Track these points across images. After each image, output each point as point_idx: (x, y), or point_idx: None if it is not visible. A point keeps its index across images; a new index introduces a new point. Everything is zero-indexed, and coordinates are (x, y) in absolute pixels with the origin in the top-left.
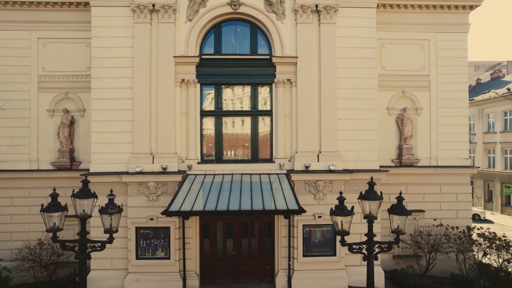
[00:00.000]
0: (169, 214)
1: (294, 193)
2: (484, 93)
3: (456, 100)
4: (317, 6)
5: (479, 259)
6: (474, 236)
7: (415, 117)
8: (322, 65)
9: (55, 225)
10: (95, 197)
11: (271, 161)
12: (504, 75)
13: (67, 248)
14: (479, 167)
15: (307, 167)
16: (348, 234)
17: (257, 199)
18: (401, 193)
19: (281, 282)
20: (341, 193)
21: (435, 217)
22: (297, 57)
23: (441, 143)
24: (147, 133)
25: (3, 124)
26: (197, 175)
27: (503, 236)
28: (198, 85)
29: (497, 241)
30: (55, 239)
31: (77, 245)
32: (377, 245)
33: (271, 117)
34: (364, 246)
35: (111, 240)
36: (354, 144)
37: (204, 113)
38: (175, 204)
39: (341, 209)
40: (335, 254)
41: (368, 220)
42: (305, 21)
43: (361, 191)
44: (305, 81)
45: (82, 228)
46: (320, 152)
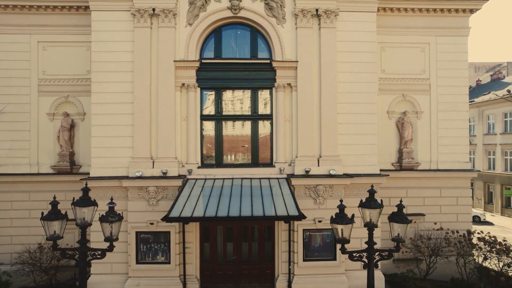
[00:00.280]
0: (169, 220)
1: (294, 198)
2: (484, 95)
3: (456, 103)
4: (317, 10)
5: (480, 263)
6: (474, 240)
7: (415, 120)
8: (322, 69)
9: (55, 233)
10: (95, 205)
11: (271, 165)
12: (504, 76)
13: (67, 256)
14: (479, 170)
15: (307, 171)
16: (348, 242)
17: (257, 204)
18: (401, 201)
19: (281, 286)
20: (341, 201)
21: (436, 221)
22: (297, 61)
23: (441, 147)
24: (147, 138)
25: (3, 127)
26: (197, 179)
27: (504, 240)
28: (198, 90)
29: (497, 246)
30: (55, 247)
31: (77, 253)
32: (378, 253)
33: (271, 122)
34: (364, 254)
35: (111, 248)
36: (354, 148)
37: (204, 118)
38: (175, 210)
39: (341, 217)
40: (335, 258)
41: (368, 228)
42: (306, 26)
43: (362, 196)
44: (306, 85)
45: (82, 236)
46: (320, 156)
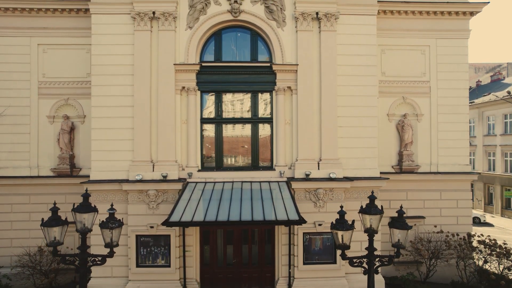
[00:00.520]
0: (169, 225)
1: (294, 202)
2: (484, 96)
3: (456, 106)
4: (317, 13)
5: (480, 266)
6: (474, 243)
7: (416, 123)
8: (322, 72)
9: (55, 239)
10: (95, 211)
11: (271, 168)
12: (504, 77)
13: (67, 262)
14: (479, 173)
15: (307, 175)
16: (348, 248)
17: (258, 208)
18: (401, 207)
19: None
20: (342, 207)
21: (436, 223)
22: (298, 64)
23: (441, 149)
24: (148, 141)
25: (3, 130)
26: (197, 183)
27: (504, 243)
28: (198, 93)
29: (498, 249)
30: (55, 253)
31: (78, 259)
32: (378, 259)
33: (272, 125)
34: (364, 260)
35: (111, 254)
36: (354, 151)
37: (204, 121)
38: (176, 214)
39: (341, 223)
40: (335, 261)
41: (368, 234)
42: (306, 29)
43: (362, 200)
44: (306, 88)
45: (82, 242)
46: (320, 159)
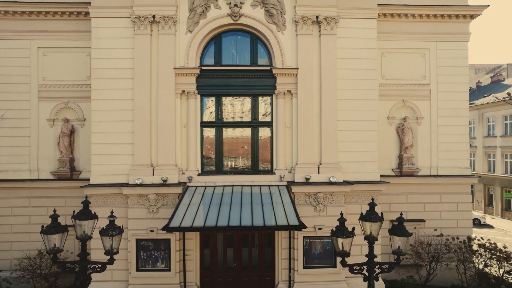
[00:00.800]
0: (169, 230)
1: (294, 207)
2: (484, 97)
3: (456, 109)
4: (317, 17)
5: (480, 270)
6: (474, 246)
7: (416, 126)
8: (322, 76)
9: (55, 246)
10: (95, 218)
11: (271, 172)
12: (504, 78)
13: (67, 269)
14: (479, 176)
15: (307, 179)
16: (348, 255)
17: (258, 213)
18: (401, 214)
19: None
20: (342, 214)
21: (436, 226)
22: (298, 68)
23: (441, 153)
24: (148, 145)
25: (3, 133)
26: (197, 187)
27: (504, 247)
28: (198, 96)
29: (498, 253)
30: (55, 260)
31: (78, 267)
32: (378, 266)
33: (272, 128)
34: (364, 267)
35: (111, 261)
36: (354, 155)
37: (204, 125)
38: (176, 219)
39: (342, 230)
40: (335, 265)
41: (368, 241)
42: (306, 32)
43: (362, 203)
44: (306, 92)
45: (82, 249)
46: (320, 163)
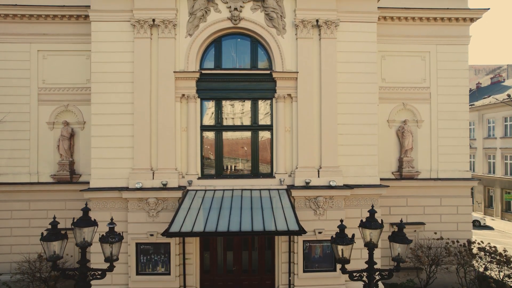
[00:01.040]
0: (169, 235)
1: (294, 211)
2: (484, 98)
3: (456, 112)
4: (317, 21)
5: (480, 273)
6: (474, 250)
7: (416, 129)
8: (322, 80)
9: (55, 253)
10: (95, 225)
11: (271, 176)
12: (504, 79)
13: (67, 276)
14: (479, 179)
15: (307, 183)
16: (348, 262)
17: (258, 218)
18: (401, 220)
19: None
20: (342, 221)
21: (436, 230)
22: (298, 72)
23: (441, 156)
24: (147, 149)
25: (3, 136)
26: (197, 190)
27: (504, 250)
28: (198, 100)
29: (498, 256)
30: (55, 268)
31: (77, 273)
32: (378, 272)
33: (272, 132)
34: (364, 274)
35: (111, 268)
36: (354, 159)
37: (204, 128)
38: (176, 224)
39: (341, 237)
40: (335, 269)
41: (368, 248)
42: (306, 36)
43: (362, 207)
44: (306, 96)
45: (82, 257)
46: (320, 167)
